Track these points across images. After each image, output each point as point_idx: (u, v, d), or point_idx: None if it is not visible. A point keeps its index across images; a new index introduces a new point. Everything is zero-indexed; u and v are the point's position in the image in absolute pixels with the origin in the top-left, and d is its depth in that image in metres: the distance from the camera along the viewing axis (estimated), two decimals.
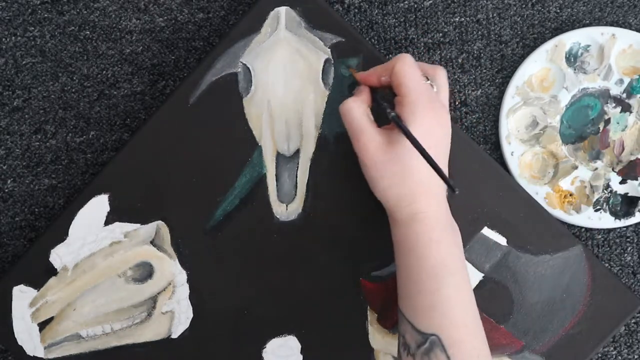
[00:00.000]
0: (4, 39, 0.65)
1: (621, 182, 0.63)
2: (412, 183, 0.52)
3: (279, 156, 0.60)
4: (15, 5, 0.65)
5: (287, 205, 0.60)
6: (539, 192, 0.62)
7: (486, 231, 0.60)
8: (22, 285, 0.59)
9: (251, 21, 0.60)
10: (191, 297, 0.60)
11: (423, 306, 0.51)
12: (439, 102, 0.53)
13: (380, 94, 0.55)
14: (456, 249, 0.52)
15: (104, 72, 0.65)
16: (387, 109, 0.52)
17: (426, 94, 0.52)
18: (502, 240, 0.60)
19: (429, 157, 0.49)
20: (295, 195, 0.60)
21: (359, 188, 0.59)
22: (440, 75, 0.54)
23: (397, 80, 0.52)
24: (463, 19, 0.64)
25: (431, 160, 0.49)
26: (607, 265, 0.63)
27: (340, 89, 0.60)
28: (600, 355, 0.64)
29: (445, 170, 0.54)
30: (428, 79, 0.54)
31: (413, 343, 0.50)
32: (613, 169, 0.63)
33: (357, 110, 0.53)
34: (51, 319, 0.59)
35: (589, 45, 0.63)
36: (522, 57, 0.64)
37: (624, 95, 0.63)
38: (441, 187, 0.53)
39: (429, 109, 0.52)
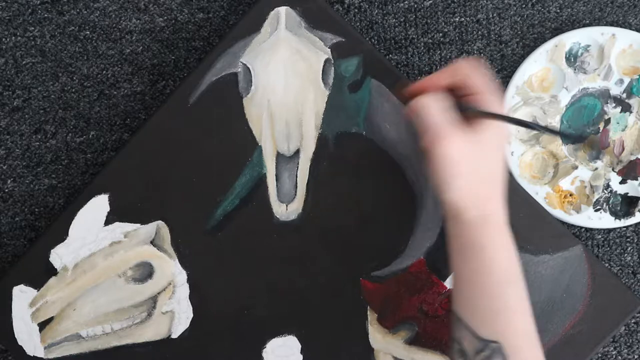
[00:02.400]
0: (4, 39, 0.65)
1: (621, 182, 0.63)
2: (490, 183, 0.51)
3: (279, 156, 0.60)
4: (15, 5, 0.65)
5: (287, 205, 0.60)
6: (539, 192, 0.62)
7: None
8: (22, 285, 0.59)
9: (251, 21, 0.60)
10: (191, 297, 0.60)
11: (486, 311, 0.49)
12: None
13: None
14: (516, 257, 0.51)
15: (104, 72, 0.65)
16: (468, 107, 0.51)
17: (495, 89, 0.52)
18: None
19: (535, 124, 0.50)
20: (295, 195, 0.60)
21: (359, 188, 0.60)
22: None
23: (469, 80, 0.51)
24: (463, 19, 0.64)
25: (541, 126, 0.50)
26: (607, 265, 0.63)
27: (340, 88, 0.60)
28: (600, 355, 0.64)
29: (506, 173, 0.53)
30: None
31: (471, 349, 0.49)
32: (613, 169, 0.63)
33: (436, 105, 0.51)
34: (51, 319, 0.59)
35: (589, 45, 0.63)
36: (522, 57, 0.64)
37: (624, 95, 0.63)
38: (504, 192, 0.52)
39: (500, 103, 0.51)
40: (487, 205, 0.51)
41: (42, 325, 0.59)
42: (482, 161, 0.50)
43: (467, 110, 0.51)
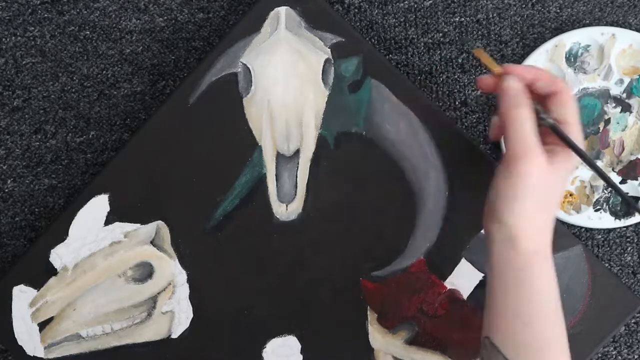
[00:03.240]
0: (4, 39, 0.65)
1: (621, 182, 0.63)
2: (549, 214, 0.49)
3: (279, 156, 0.60)
4: (15, 5, 0.65)
5: (287, 205, 0.60)
6: None
7: None
8: (22, 285, 0.59)
9: (251, 21, 0.60)
10: (191, 297, 0.60)
11: (528, 346, 0.48)
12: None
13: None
14: (558, 290, 0.50)
15: (104, 72, 0.65)
16: (549, 119, 0.49)
17: (581, 136, 0.51)
18: None
19: (602, 173, 0.49)
20: (295, 195, 0.60)
21: (359, 188, 0.60)
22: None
23: (563, 114, 0.50)
24: (463, 19, 0.64)
25: (606, 178, 0.49)
26: (607, 265, 0.63)
27: (340, 88, 0.60)
28: (600, 355, 0.64)
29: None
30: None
31: None
32: (613, 169, 0.63)
33: (530, 125, 0.48)
34: (51, 319, 0.59)
35: (589, 45, 0.63)
36: (522, 57, 0.64)
37: (624, 95, 0.63)
38: None
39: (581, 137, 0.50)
40: (542, 236, 0.49)
41: (42, 325, 0.59)
42: (551, 191, 0.49)
43: (550, 126, 0.49)
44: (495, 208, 0.49)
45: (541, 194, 0.48)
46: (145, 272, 0.60)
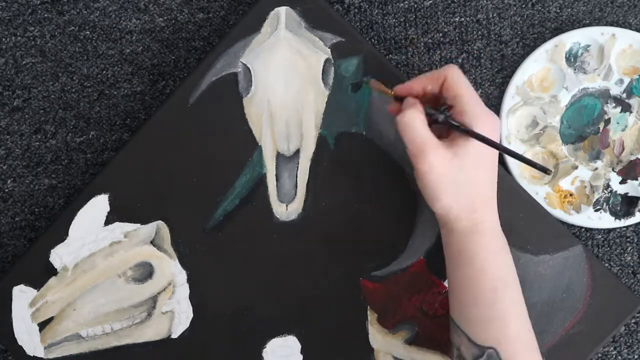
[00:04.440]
0: (4, 39, 0.65)
1: (621, 182, 0.63)
2: (475, 193, 0.52)
3: (279, 156, 0.60)
4: (15, 5, 0.65)
5: (287, 205, 0.60)
6: (539, 192, 0.62)
7: None
8: (22, 285, 0.59)
9: (251, 21, 0.60)
10: (191, 297, 0.60)
11: (480, 319, 0.51)
12: (488, 110, 0.53)
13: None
14: (510, 261, 0.53)
15: (104, 72, 0.65)
16: (442, 115, 0.51)
17: (481, 103, 0.52)
18: None
19: (507, 149, 0.51)
20: (295, 195, 0.60)
21: (359, 188, 0.60)
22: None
23: (453, 92, 0.52)
24: (463, 19, 0.64)
25: (510, 151, 0.51)
26: (607, 265, 0.63)
27: (340, 88, 0.60)
28: (600, 355, 0.64)
29: (495, 181, 0.53)
30: None
31: (469, 355, 0.51)
32: (613, 169, 0.63)
33: (420, 122, 0.51)
34: (51, 319, 0.59)
35: (589, 45, 0.63)
36: (522, 57, 0.64)
37: (624, 95, 0.63)
38: (496, 198, 0.53)
39: (485, 117, 0.51)
40: (476, 214, 0.52)
41: (42, 325, 0.59)
42: (467, 172, 0.51)
43: (450, 125, 0.51)
44: (426, 200, 0.53)
45: (454, 178, 0.51)
46: (145, 272, 0.60)
